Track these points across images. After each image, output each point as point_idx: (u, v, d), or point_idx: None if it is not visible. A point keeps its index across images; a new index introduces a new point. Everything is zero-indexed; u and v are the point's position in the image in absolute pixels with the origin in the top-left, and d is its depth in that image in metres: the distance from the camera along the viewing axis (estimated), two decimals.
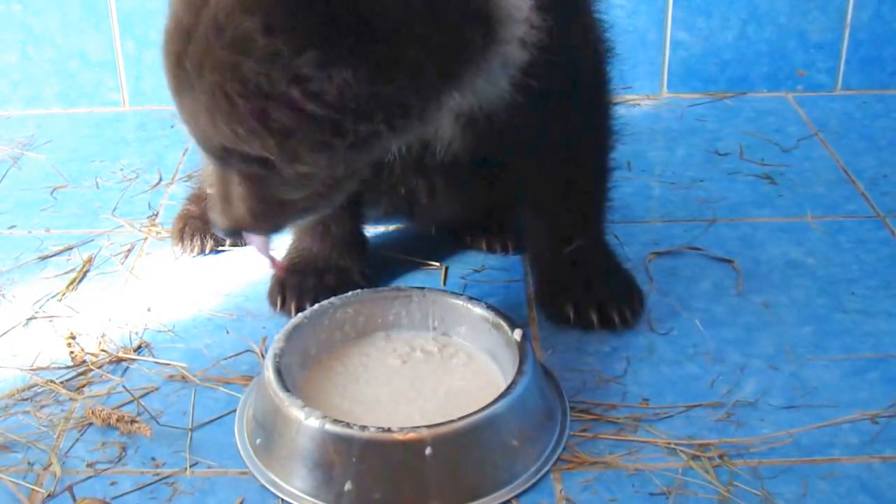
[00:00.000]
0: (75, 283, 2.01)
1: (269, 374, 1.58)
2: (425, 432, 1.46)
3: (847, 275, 1.99)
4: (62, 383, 1.72)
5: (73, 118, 2.75)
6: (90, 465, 1.56)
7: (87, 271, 2.05)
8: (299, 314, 1.72)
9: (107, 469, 1.55)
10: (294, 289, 1.89)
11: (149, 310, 1.93)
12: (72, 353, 1.79)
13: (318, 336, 1.72)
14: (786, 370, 1.73)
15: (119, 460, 1.57)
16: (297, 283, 1.90)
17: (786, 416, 1.63)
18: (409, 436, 1.45)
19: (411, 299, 1.76)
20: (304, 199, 1.55)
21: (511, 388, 1.54)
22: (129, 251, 2.12)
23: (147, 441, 1.59)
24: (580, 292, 1.84)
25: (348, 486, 1.46)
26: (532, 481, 1.51)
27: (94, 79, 2.77)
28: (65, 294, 1.97)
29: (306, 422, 1.48)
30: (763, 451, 1.56)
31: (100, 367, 1.76)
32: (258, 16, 1.37)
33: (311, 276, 1.91)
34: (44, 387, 1.71)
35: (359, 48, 1.39)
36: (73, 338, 1.83)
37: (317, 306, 1.73)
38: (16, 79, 2.76)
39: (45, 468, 1.55)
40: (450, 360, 1.72)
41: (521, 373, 1.57)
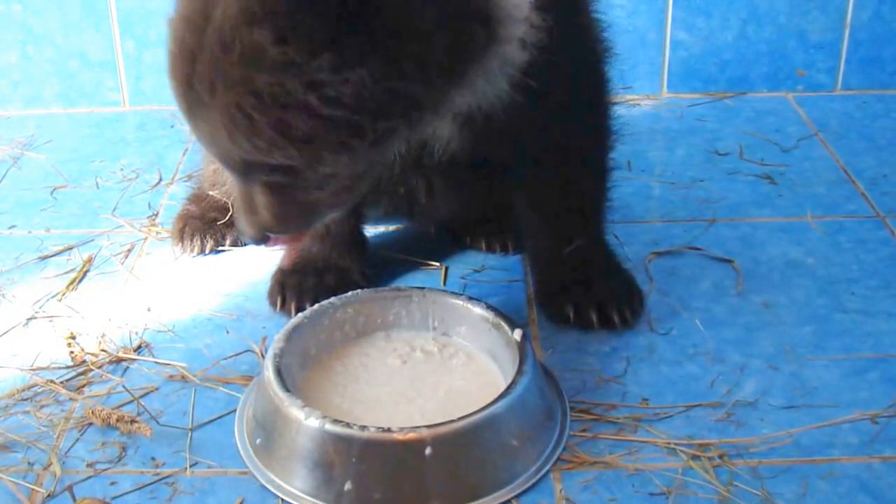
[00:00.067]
0: (75, 283, 2.00)
1: (269, 374, 1.58)
2: (425, 432, 1.46)
3: (847, 275, 1.99)
4: (62, 383, 1.72)
5: (73, 118, 2.75)
6: (90, 465, 1.56)
7: (87, 271, 2.05)
8: (299, 314, 1.72)
9: (107, 469, 1.55)
10: (294, 289, 1.89)
11: (149, 310, 1.93)
12: (72, 353, 1.79)
13: (318, 336, 1.72)
14: (786, 370, 1.73)
15: (119, 460, 1.57)
16: (297, 283, 1.90)
17: (786, 416, 1.63)
18: (409, 436, 1.45)
19: (411, 299, 1.76)
20: (328, 197, 1.55)
21: (511, 388, 1.54)
22: (129, 251, 2.12)
23: (147, 441, 1.59)
24: (580, 292, 1.84)
25: (348, 486, 1.46)
26: (532, 481, 1.51)
27: (94, 79, 2.76)
28: (65, 294, 1.97)
29: (306, 422, 1.48)
30: (763, 451, 1.56)
31: (100, 367, 1.76)
32: (267, 26, 1.36)
33: (311, 276, 1.91)
34: (44, 387, 1.71)
35: (370, 46, 1.39)
36: (73, 338, 1.83)
37: (317, 306, 1.74)
38: (16, 79, 2.76)
39: (45, 468, 1.55)
40: (450, 360, 1.71)
41: (521, 373, 1.57)
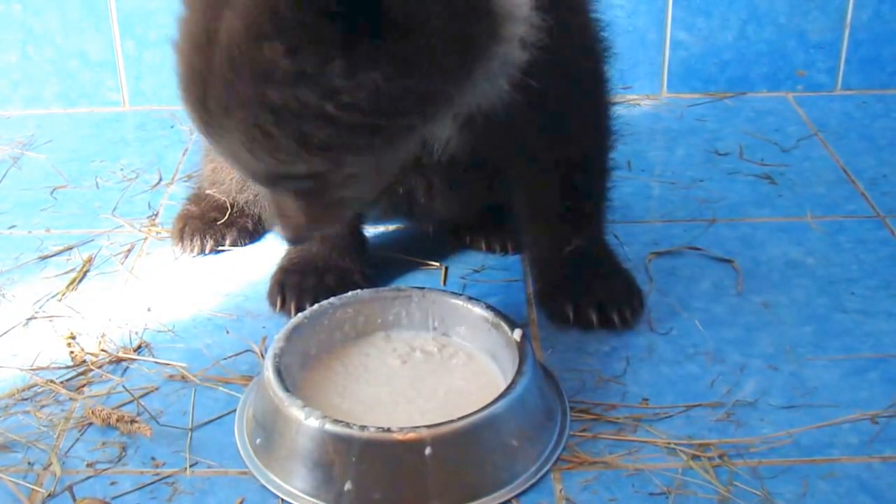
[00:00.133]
0: (75, 283, 2.00)
1: (269, 374, 1.57)
2: (425, 432, 1.46)
3: (847, 275, 1.98)
4: (62, 383, 1.72)
5: (73, 118, 2.75)
6: (90, 465, 1.56)
7: (87, 271, 2.05)
8: (299, 314, 1.72)
9: (107, 469, 1.55)
10: (294, 289, 1.89)
11: (149, 310, 1.93)
12: (72, 353, 1.79)
13: (318, 336, 1.72)
14: (786, 370, 1.73)
15: (119, 460, 1.57)
16: (297, 283, 1.90)
17: (786, 416, 1.63)
18: (409, 436, 1.45)
19: (411, 299, 1.76)
20: (355, 194, 1.57)
21: (511, 388, 1.54)
22: (129, 251, 2.12)
23: (147, 441, 1.59)
24: (580, 292, 1.84)
25: (348, 485, 1.46)
26: (532, 481, 1.51)
27: (94, 79, 2.76)
28: (65, 294, 1.97)
29: (306, 422, 1.48)
30: (763, 451, 1.56)
31: (100, 367, 1.76)
32: (277, 39, 1.36)
33: (311, 276, 1.90)
34: (44, 387, 1.71)
35: (379, 48, 1.38)
36: (73, 338, 1.83)
37: (317, 306, 1.73)
38: (16, 79, 2.76)
39: (45, 468, 1.55)
40: (450, 360, 1.71)
41: (520, 373, 1.57)
